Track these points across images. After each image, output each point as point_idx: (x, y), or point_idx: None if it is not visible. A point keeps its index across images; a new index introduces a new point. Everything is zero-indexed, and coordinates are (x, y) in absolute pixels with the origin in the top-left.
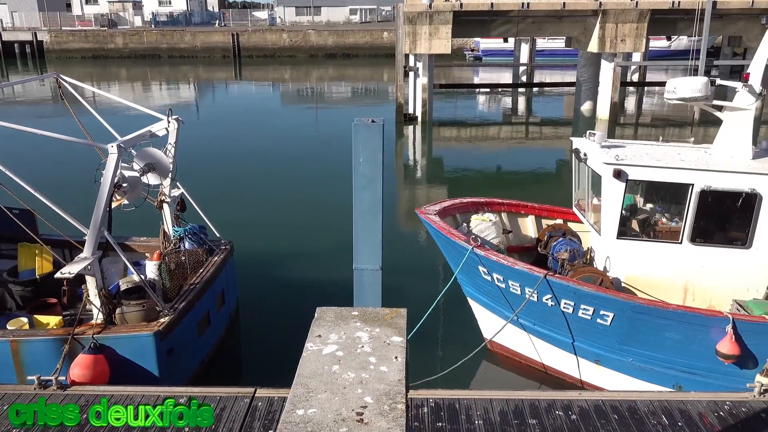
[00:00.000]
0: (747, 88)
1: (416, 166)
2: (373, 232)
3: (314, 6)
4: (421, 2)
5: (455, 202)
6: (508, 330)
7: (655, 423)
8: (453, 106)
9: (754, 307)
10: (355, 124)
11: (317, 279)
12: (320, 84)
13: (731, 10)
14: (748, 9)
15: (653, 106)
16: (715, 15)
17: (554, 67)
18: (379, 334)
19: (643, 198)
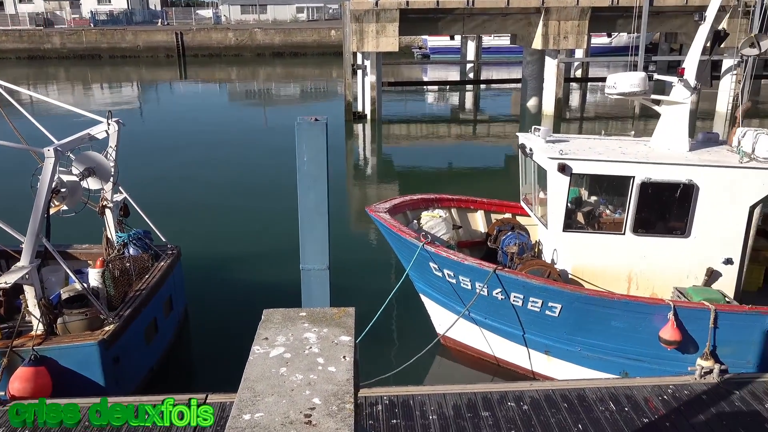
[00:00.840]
0: (682, 83)
1: (366, 164)
2: (320, 232)
3: (260, 4)
4: (368, 0)
5: (405, 199)
6: (460, 325)
7: (603, 409)
8: (402, 103)
9: (693, 294)
10: (298, 122)
11: (266, 280)
12: (268, 83)
13: (667, 8)
14: (683, 7)
15: (596, 101)
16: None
17: (500, 64)
18: (327, 334)
19: (588, 191)
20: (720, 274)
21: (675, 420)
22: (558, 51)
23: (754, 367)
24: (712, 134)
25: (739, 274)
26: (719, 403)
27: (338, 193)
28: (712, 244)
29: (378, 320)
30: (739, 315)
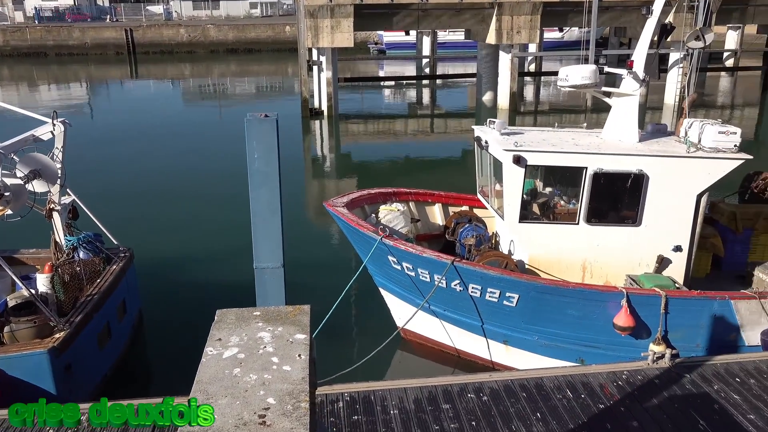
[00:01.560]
0: (632, 75)
1: (324, 160)
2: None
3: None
4: None
5: (363, 194)
6: (420, 317)
7: (560, 397)
8: (359, 99)
9: (645, 281)
10: (247, 119)
11: (221, 280)
12: (222, 80)
13: (616, 3)
14: (631, 1)
15: (550, 95)
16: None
17: (456, 59)
18: (282, 333)
19: (543, 182)
20: (670, 261)
21: (629, 405)
22: (512, 45)
23: (703, 351)
24: (661, 125)
25: (688, 260)
26: (671, 387)
27: (296, 190)
28: (662, 232)
29: (338, 316)
30: (689, 300)
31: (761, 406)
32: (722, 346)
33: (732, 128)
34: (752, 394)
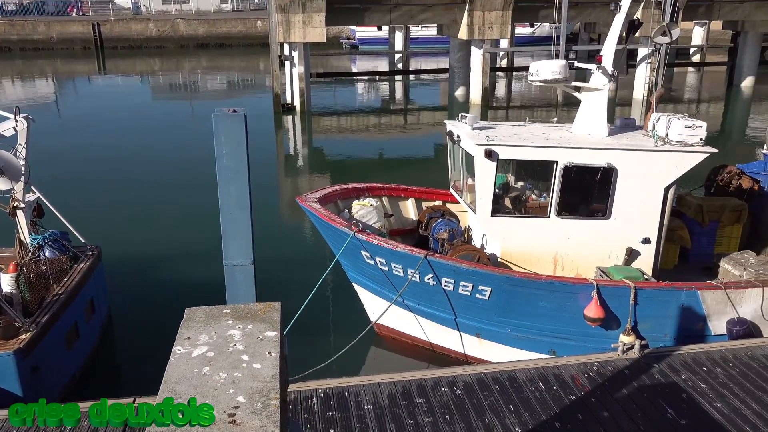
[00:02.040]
0: (600, 70)
1: (297, 156)
2: (242, 226)
3: None
4: None
5: (336, 189)
6: (394, 312)
7: (533, 389)
8: (332, 94)
9: (615, 273)
10: (215, 114)
11: (192, 277)
12: (193, 75)
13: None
14: None
15: (521, 90)
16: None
17: (428, 55)
18: (252, 330)
19: (514, 176)
20: (639, 253)
21: (600, 395)
22: (483, 41)
23: (672, 341)
24: (629, 120)
25: (656, 252)
26: (640, 377)
27: (268, 186)
28: (631, 224)
29: (311, 311)
30: (657, 291)
31: (727, 394)
32: (690, 336)
33: (698, 122)
34: (718, 382)
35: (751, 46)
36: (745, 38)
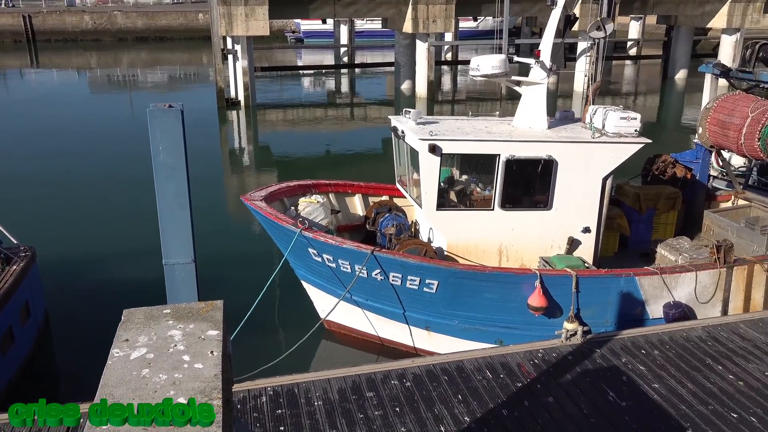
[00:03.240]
0: (539, 64)
1: (242, 152)
2: (182, 224)
3: None
4: None
5: (282, 186)
6: (343, 308)
7: (480, 378)
8: (277, 89)
9: (557, 262)
10: (150, 110)
11: (131, 278)
12: (133, 70)
13: None
14: None
15: (467, 83)
16: None
17: (374, 48)
18: (193, 330)
19: (459, 170)
20: (580, 242)
21: (545, 381)
22: (428, 35)
23: (612, 326)
24: (568, 112)
25: (596, 241)
26: (583, 362)
27: (213, 183)
28: (571, 214)
29: (260, 310)
30: (597, 279)
31: (664, 375)
32: (629, 321)
33: (632, 114)
34: (656, 364)
35: (684, 40)
36: (678, 32)
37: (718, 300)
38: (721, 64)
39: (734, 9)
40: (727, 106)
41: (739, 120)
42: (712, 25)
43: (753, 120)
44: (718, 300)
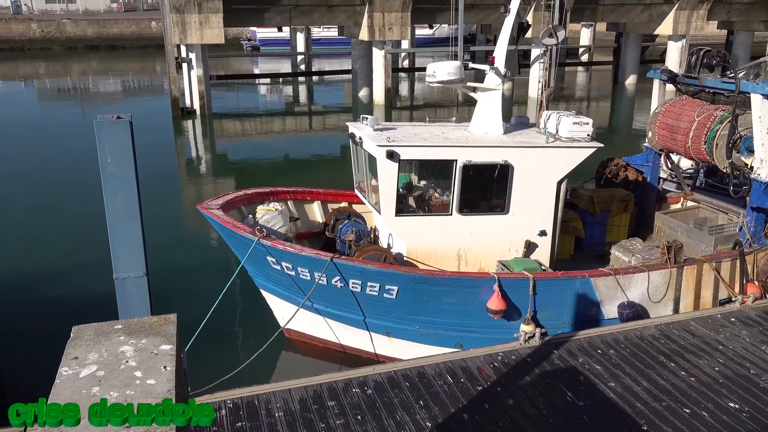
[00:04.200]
0: (494, 71)
1: (198, 161)
2: (133, 237)
3: None
4: None
5: (239, 195)
6: (304, 316)
7: (441, 383)
8: (234, 97)
9: (515, 266)
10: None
11: (80, 294)
12: (84, 79)
13: (480, 1)
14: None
15: (424, 90)
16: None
17: (331, 56)
18: (146, 345)
19: (417, 176)
20: (536, 245)
21: (505, 384)
22: (384, 42)
23: (569, 327)
24: (523, 118)
25: (552, 243)
26: (542, 364)
27: (169, 193)
28: (528, 218)
29: (217, 320)
30: (554, 281)
31: (620, 374)
32: (585, 321)
33: (585, 119)
34: (612, 363)
35: (633, 47)
36: (627, 39)
37: (670, 299)
38: (668, 70)
39: (679, 16)
40: (675, 110)
41: (686, 124)
42: (659, 32)
43: (699, 124)
44: (670, 299)
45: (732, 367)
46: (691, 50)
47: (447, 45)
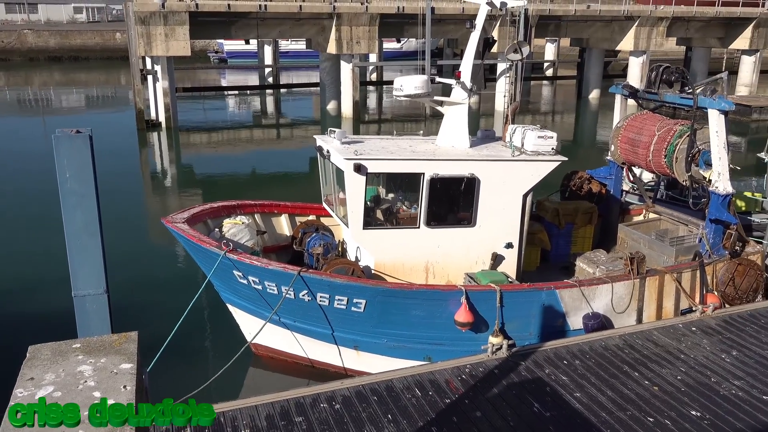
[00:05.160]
0: (460, 85)
1: (164, 175)
2: (92, 253)
3: (29, 3)
4: (153, 2)
5: (205, 208)
6: (271, 330)
7: (410, 397)
8: (201, 110)
9: (482, 278)
10: (55, 136)
11: (38, 312)
12: (45, 91)
13: (447, 16)
14: (460, 15)
15: (392, 103)
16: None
17: (299, 68)
18: (105, 364)
19: (385, 189)
20: (503, 257)
21: (473, 396)
22: (352, 55)
23: (536, 338)
24: (489, 131)
25: (518, 256)
26: (509, 375)
27: (133, 207)
28: (494, 230)
29: (184, 336)
30: (520, 293)
31: (585, 384)
32: (551, 332)
33: (549, 133)
34: (577, 374)
35: (596, 62)
36: (590, 54)
37: (633, 309)
38: (629, 86)
39: (640, 33)
40: (636, 125)
41: (647, 138)
42: (621, 47)
43: (659, 138)
44: (633, 309)
45: (693, 376)
46: (651, 66)
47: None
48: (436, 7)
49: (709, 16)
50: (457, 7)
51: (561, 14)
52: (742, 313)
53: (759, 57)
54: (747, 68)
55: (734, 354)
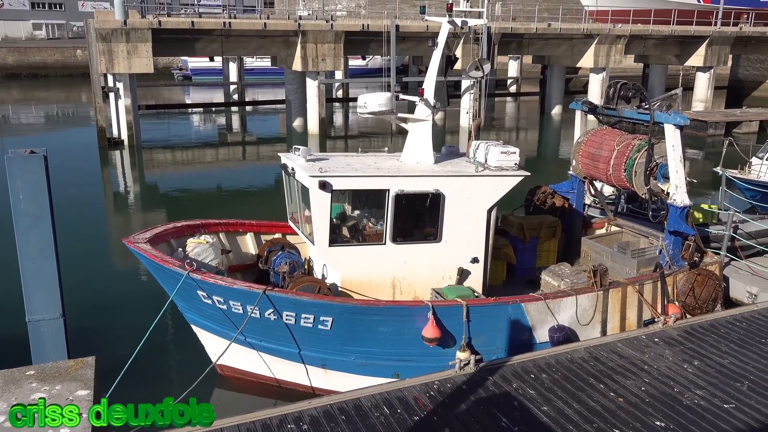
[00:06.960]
0: (423, 102)
1: (127, 194)
2: (47, 277)
3: None
4: (115, 18)
5: (168, 228)
6: (237, 351)
7: (378, 415)
8: (165, 127)
9: (448, 293)
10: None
11: None
12: (3, 109)
13: (411, 33)
14: (424, 33)
15: (358, 120)
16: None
17: (265, 86)
18: (60, 391)
19: (351, 206)
20: (469, 272)
21: (441, 413)
22: (318, 72)
23: (503, 352)
24: (453, 147)
25: (484, 270)
26: (477, 390)
27: (94, 227)
28: (460, 246)
29: (147, 359)
30: (486, 307)
31: (552, 397)
32: (518, 346)
33: (512, 149)
34: (544, 387)
35: (557, 78)
36: (552, 71)
37: (597, 321)
38: (589, 102)
39: (599, 50)
40: (596, 140)
41: (607, 153)
42: (581, 64)
43: (619, 153)
44: (597, 321)
45: (657, 386)
46: (609, 83)
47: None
48: (400, 25)
49: (665, 34)
50: (422, 25)
51: (523, 32)
52: (702, 323)
53: (713, 73)
54: (702, 84)
55: (696, 364)
